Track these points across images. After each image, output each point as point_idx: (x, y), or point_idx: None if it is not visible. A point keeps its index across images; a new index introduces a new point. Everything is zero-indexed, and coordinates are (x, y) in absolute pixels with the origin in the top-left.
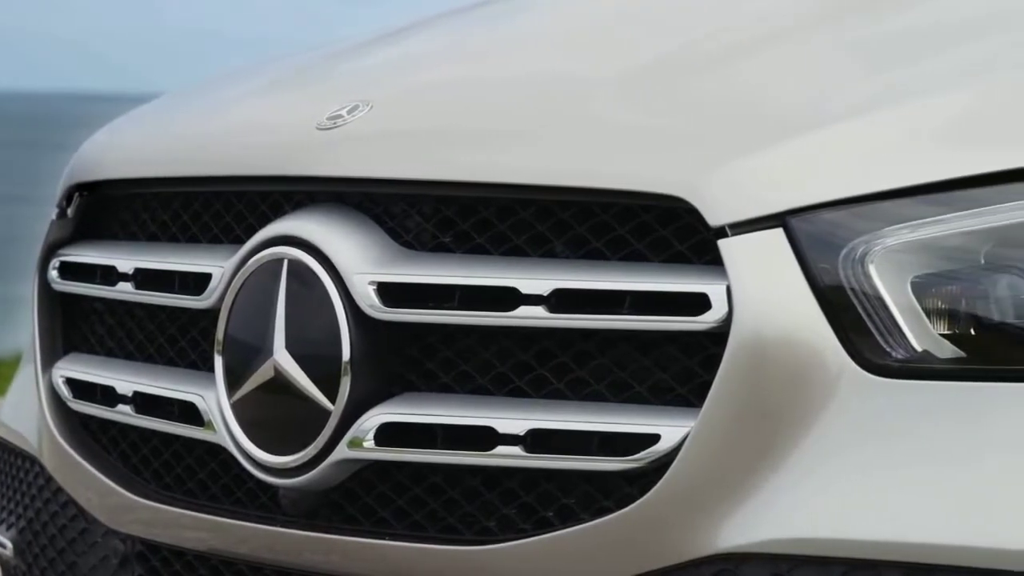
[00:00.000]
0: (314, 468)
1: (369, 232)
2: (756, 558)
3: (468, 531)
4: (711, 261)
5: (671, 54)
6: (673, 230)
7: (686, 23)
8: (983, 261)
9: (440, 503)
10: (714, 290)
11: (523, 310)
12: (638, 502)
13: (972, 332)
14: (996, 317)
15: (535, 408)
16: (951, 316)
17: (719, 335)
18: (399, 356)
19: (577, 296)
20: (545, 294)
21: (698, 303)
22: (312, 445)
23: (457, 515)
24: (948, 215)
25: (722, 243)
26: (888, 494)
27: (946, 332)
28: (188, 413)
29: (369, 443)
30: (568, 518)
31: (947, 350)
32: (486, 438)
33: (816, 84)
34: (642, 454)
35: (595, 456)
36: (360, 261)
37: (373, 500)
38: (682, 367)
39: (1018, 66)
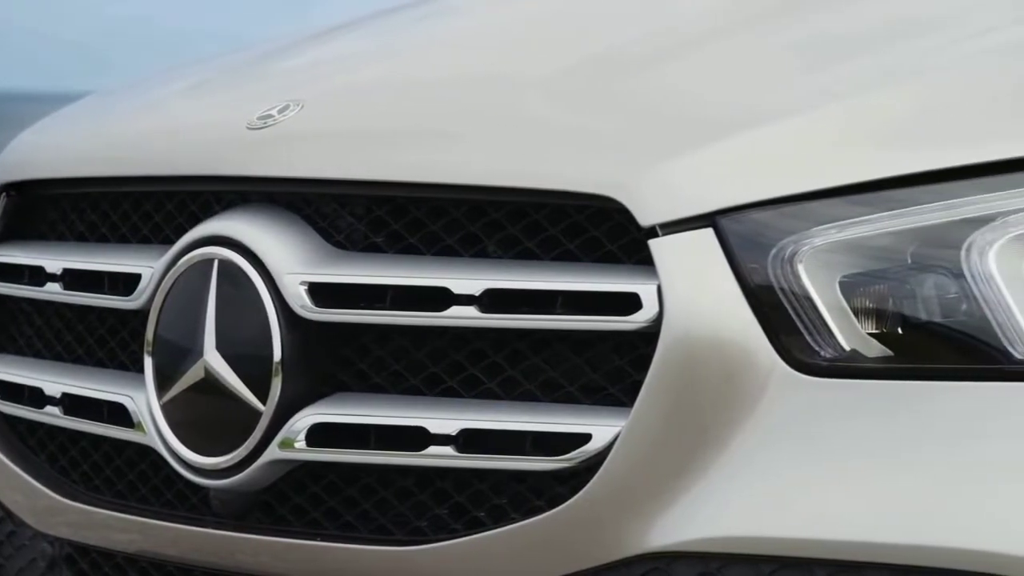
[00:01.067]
0: (245, 469)
1: (300, 232)
2: (686, 557)
3: (400, 531)
4: (642, 261)
5: (603, 55)
6: (605, 230)
7: (618, 24)
8: (910, 261)
9: (372, 503)
10: (645, 290)
11: (455, 310)
12: (569, 502)
13: (899, 331)
14: (923, 316)
15: (467, 408)
16: (879, 315)
17: (650, 335)
18: (331, 356)
19: (509, 296)
20: (477, 294)
21: (629, 303)
22: (243, 446)
23: (389, 515)
24: (875, 215)
25: (653, 243)
26: (818, 492)
27: (874, 331)
28: (117, 414)
29: (300, 444)
30: (500, 518)
31: (875, 349)
32: (418, 438)
33: (746, 85)
34: (573, 454)
35: (527, 456)
36: (291, 261)
37: (304, 501)
38: (614, 367)
39: (944, 68)
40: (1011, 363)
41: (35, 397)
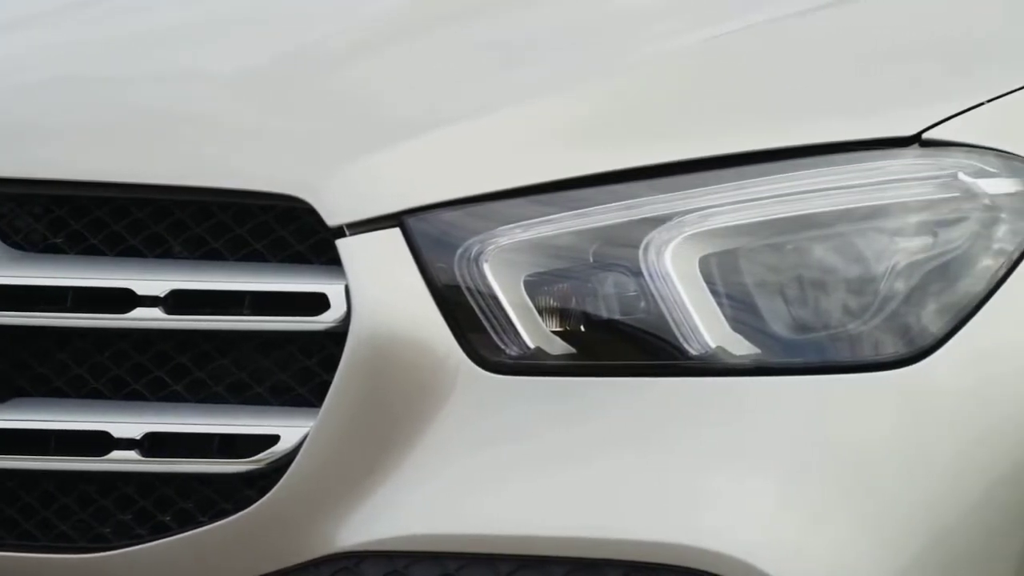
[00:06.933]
0: None
1: None
2: (374, 556)
3: (82, 539)
4: (330, 261)
5: (290, 54)
6: (292, 230)
7: (306, 23)
8: (592, 259)
9: (52, 511)
10: (332, 290)
11: (139, 312)
12: (257, 503)
13: (582, 329)
14: (604, 314)
15: (152, 411)
16: (562, 313)
17: (339, 335)
18: (8, 360)
19: (195, 297)
20: (162, 295)
21: (317, 303)
22: None
23: (70, 523)
24: (558, 215)
25: (340, 243)
26: (501, 489)
27: (558, 329)
28: None
29: None
30: (186, 522)
31: (559, 347)
32: (101, 443)
33: (434, 86)
34: (261, 455)
35: (214, 459)
36: None
37: None
38: (303, 367)
39: (626, 71)
40: (686, 359)
41: None
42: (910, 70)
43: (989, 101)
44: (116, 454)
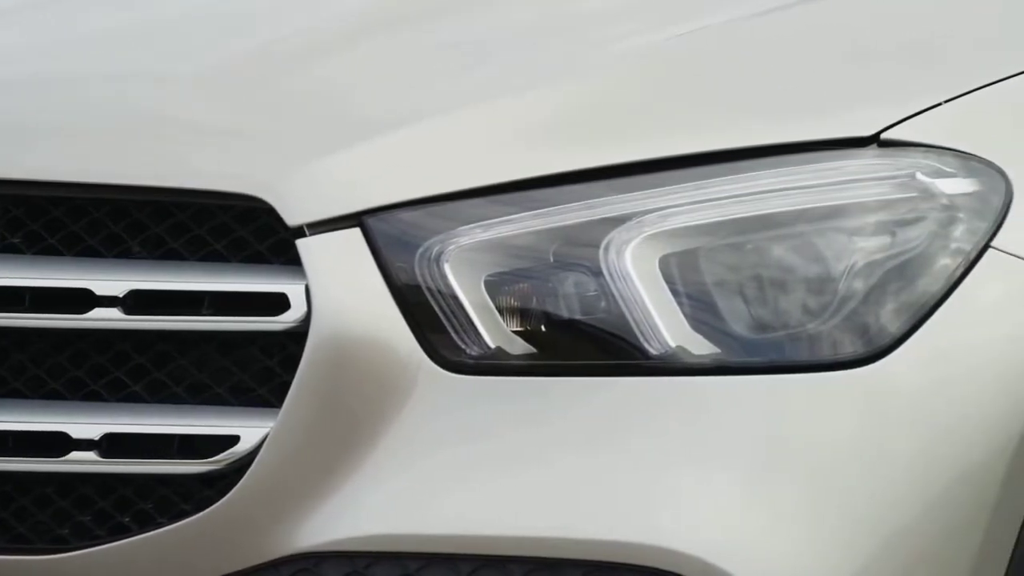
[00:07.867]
0: None
1: None
2: (334, 556)
3: (40, 540)
4: (290, 261)
5: (251, 52)
6: (252, 230)
7: (267, 21)
8: (552, 259)
9: (10, 512)
10: (292, 290)
11: (98, 312)
12: (217, 504)
13: (543, 328)
14: (565, 314)
15: (111, 412)
16: (523, 313)
17: (299, 335)
18: None
19: (154, 297)
20: (121, 295)
21: (277, 303)
22: None
23: (28, 524)
24: (518, 215)
25: (300, 243)
26: (462, 489)
27: (518, 329)
28: None
29: None
30: (146, 523)
31: (519, 347)
32: (59, 443)
33: (395, 85)
34: (221, 456)
35: (173, 459)
36: None
37: None
38: (263, 367)
39: (587, 70)
40: (647, 359)
41: None
42: (869, 70)
43: (947, 101)
44: (75, 455)
